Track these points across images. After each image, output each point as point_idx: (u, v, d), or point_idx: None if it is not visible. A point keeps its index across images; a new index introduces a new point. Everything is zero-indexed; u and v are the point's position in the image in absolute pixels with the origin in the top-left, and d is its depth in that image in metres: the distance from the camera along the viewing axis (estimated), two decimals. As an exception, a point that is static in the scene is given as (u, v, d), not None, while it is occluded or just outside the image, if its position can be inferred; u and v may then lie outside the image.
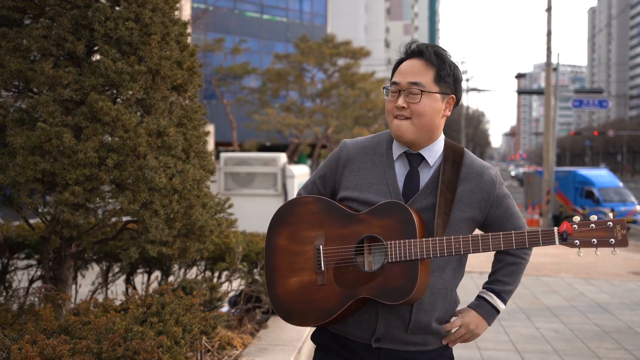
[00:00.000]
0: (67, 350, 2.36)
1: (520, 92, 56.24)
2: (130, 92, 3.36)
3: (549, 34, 24.93)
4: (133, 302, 3.02)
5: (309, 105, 28.99)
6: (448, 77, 2.16)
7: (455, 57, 2.27)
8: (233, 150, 28.48)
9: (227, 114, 30.11)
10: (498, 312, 2.30)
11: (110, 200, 3.30)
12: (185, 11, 20.34)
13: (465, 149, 2.29)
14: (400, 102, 2.13)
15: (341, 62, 28.50)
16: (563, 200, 24.34)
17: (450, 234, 2.14)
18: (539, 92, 37.51)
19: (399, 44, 2.28)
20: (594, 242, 1.90)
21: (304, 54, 27.94)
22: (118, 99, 3.49)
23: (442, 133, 2.27)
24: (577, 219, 1.95)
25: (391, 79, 2.23)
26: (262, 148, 31.40)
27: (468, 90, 54.91)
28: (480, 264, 11.97)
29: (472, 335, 2.28)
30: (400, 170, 2.22)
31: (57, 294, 3.36)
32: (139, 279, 5.17)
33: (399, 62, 2.22)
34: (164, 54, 3.51)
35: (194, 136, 3.66)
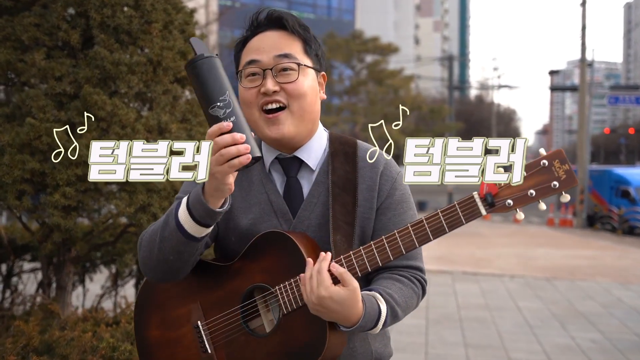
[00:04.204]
0: (42, 374, 2.11)
1: (553, 88, 55.29)
2: (129, 85, 3.10)
3: (583, 29, 24.25)
4: (125, 315, 2.76)
5: (336, 103, 28.72)
6: (317, 50, 1.66)
7: (486, 53, 1.77)
8: (260, 148, 28.39)
9: (254, 111, 30.04)
10: (374, 326, 1.52)
11: (105, 203, 3.05)
12: (211, 7, 20.24)
13: (358, 140, 1.73)
14: (270, 84, 1.57)
15: (369, 58, 28.16)
16: (597, 200, 23.64)
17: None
18: (573, 89, 36.74)
19: (429, 40, 1.83)
20: (531, 193, 1.40)
21: (332, 51, 27.69)
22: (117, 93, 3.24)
23: (321, 124, 1.71)
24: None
25: (238, 61, 1.69)
26: (290, 146, 31.31)
27: (499, 87, 54.14)
28: (510, 266, 11.54)
29: (317, 305, 1.45)
30: (278, 182, 1.68)
31: (49, 303, 3.12)
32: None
33: (247, 38, 1.67)
34: (166, 44, 3.25)
35: (199, 133, 3.39)
